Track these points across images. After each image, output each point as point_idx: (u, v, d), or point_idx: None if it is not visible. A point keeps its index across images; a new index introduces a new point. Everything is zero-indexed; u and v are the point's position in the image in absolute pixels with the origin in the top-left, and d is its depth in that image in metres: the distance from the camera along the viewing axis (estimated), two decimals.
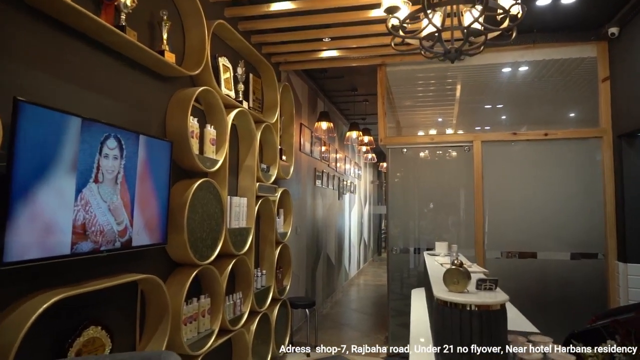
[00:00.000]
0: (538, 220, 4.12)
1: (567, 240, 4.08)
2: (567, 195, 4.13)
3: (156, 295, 2.28)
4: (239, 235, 3.19)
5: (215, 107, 2.91)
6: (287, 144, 4.42)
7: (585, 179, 4.10)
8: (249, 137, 3.48)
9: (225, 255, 3.09)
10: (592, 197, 4.05)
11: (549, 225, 4.11)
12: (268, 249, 3.90)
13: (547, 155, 4.19)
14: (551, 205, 4.13)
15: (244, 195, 3.44)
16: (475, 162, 4.23)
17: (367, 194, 11.94)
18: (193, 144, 2.60)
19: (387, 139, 4.49)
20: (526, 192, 4.21)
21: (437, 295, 1.84)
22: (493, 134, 4.26)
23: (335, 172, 7.45)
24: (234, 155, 3.45)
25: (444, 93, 5.19)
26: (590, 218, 4.04)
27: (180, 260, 2.59)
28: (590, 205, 4.06)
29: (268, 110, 3.98)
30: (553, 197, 4.14)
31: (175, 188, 2.56)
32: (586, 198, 4.08)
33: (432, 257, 3.37)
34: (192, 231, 2.53)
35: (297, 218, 5.12)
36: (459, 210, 4.33)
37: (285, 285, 4.24)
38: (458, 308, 1.74)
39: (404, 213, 4.54)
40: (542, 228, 4.11)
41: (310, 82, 5.64)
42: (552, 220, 4.11)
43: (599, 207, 3.99)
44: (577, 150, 4.16)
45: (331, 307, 6.69)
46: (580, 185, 4.11)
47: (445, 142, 4.39)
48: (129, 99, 2.26)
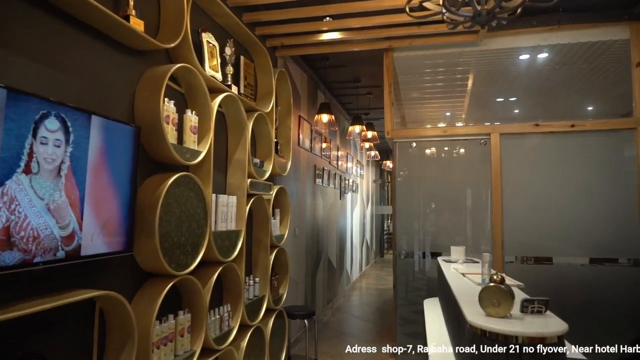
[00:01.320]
0: (560, 222, 3.70)
1: (592, 244, 3.65)
2: (595, 194, 3.70)
3: (118, 315, 1.85)
4: (226, 239, 2.76)
5: (198, 89, 2.49)
6: (284, 137, 3.99)
7: (616, 176, 3.67)
8: (239, 126, 3.05)
9: (210, 263, 2.67)
10: (623, 195, 3.62)
11: (574, 227, 3.69)
12: (262, 253, 3.47)
13: (572, 149, 3.76)
14: (577, 205, 3.70)
15: (233, 193, 3.02)
16: (493, 157, 3.80)
17: (369, 193, 11.51)
18: (168, 131, 2.17)
19: (395, 131, 4.06)
20: (547, 190, 3.78)
21: (471, 321, 1.41)
22: (513, 125, 3.82)
23: (337, 170, 7.02)
24: (222, 148, 3.03)
25: (454, 83, 4.77)
26: (619, 219, 3.62)
27: (152, 270, 2.16)
28: (621, 205, 3.63)
29: (262, 99, 3.56)
30: (579, 195, 3.72)
31: (147, 184, 2.14)
32: (616, 197, 3.65)
33: (448, 264, 2.95)
34: (166, 235, 2.11)
35: (295, 219, 4.69)
36: (473, 210, 3.91)
37: (281, 294, 3.82)
38: (501, 339, 1.32)
39: (412, 213, 4.11)
40: (564, 230, 3.69)
41: (310, 72, 5.21)
42: (576, 221, 3.69)
43: (631, 207, 3.56)
44: (607, 144, 3.73)
45: (332, 314, 6.26)
46: (609, 183, 3.68)
47: (459, 135, 3.97)
48: (85, 73, 1.83)
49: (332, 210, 6.78)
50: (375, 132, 6.26)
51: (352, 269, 8.62)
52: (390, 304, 6.87)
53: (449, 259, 3.12)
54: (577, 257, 3.71)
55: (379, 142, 6.39)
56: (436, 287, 3.79)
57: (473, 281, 2.09)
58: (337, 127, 4.91)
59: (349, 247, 8.21)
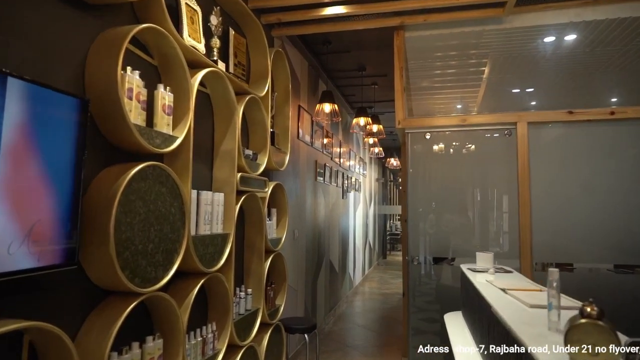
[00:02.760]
0: (584, 223, 3.23)
1: (619, 248, 3.19)
2: (630, 191, 3.23)
3: (54, 351, 1.38)
4: (210, 245, 2.29)
5: (173, 61, 2.02)
6: (282, 127, 3.52)
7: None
8: (228, 111, 2.58)
9: (190, 274, 2.20)
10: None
11: (599, 229, 3.22)
12: (255, 260, 3.00)
13: (611, 140, 3.29)
14: (607, 204, 3.23)
15: (220, 189, 2.54)
16: (520, 149, 3.33)
17: (372, 192, 11.03)
18: (132, 108, 1.70)
19: (407, 121, 3.58)
20: (577, 188, 3.31)
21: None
22: (542, 113, 3.35)
23: (339, 167, 6.55)
24: (207, 136, 2.55)
25: (468, 70, 4.30)
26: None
27: (109, 287, 1.69)
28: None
29: (256, 81, 3.09)
30: (612, 193, 3.25)
31: (101, 177, 1.67)
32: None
33: (475, 273, 2.47)
34: (126, 242, 1.63)
35: (294, 220, 4.22)
36: (497, 210, 3.43)
37: (278, 305, 3.34)
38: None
39: (426, 214, 3.64)
40: (588, 232, 3.22)
41: (311, 58, 4.74)
42: (603, 223, 3.22)
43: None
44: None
45: (334, 323, 5.79)
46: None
47: (479, 124, 3.49)
48: (21, 29, 1.36)
49: (335, 211, 6.31)
50: (381, 125, 5.79)
51: (355, 272, 8.15)
52: (396, 310, 6.40)
53: (474, 268, 2.65)
54: (601, 263, 3.25)
55: (384, 137, 5.92)
56: (454, 297, 3.32)
57: (522, 301, 1.63)
58: (340, 118, 4.43)
59: (351, 249, 7.74)
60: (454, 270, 3.44)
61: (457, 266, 3.43)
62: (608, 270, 3.26)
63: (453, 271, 3.47)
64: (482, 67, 4.32)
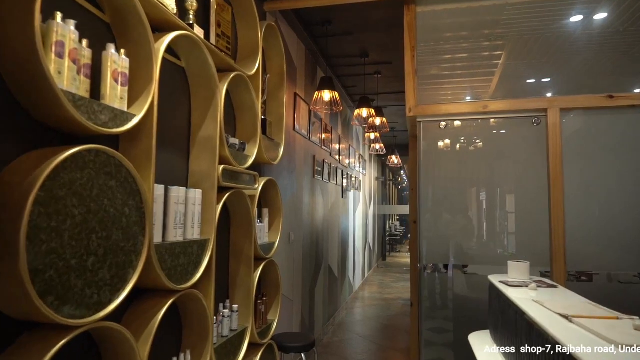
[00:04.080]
0: (620, 227, 2.77)
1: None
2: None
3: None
4: (183, 255, 1.82)
5: (130, 16, 1.54)
6: (276, 115, 3.05)
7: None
8: (207, 88, 2.10)
9: (156, 293, 1.73)
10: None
11: (633, 234, 2.77)
12: (243, 270, 2.53)
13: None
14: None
15: (197, 185, 2.07)
16: (551, 140, 2.86)
17: (372, 191, 10.57)
18: (61, 70, 1.23)
19: (419, 108, 3.12)
20: (614, 185, 2.85)
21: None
22: (578, 97, 2.88)
23: (339, 164, 6.08)
24: (181, 118, 2.08)
25: (481, 55, 3.84)
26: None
27: (25, 317, 1.21)
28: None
29: (245, 58, 2.62)
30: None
31: (15, 166, 1.20)
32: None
33: (511, 288, 2.01)
34: (49, 255, 1.16)
35: (289, 221, 3.75)
36: (523, 212, 2.97)
37: (270, 321, 2.87)
38: None
39: (440, 215, 3.17)
40: (623, 238, 2.77)
41: (309, 41, 4.27)
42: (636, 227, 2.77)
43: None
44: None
45: (333, 333, 5.32)
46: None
47: (503, 112, 3.02)
48: None
49: (334, 211, 5.84)
50: (385, 118, 5.32)
51: (355, 276, 7.68)
52: (400, 318, 5.94)
53: (506, 280, 2.19)
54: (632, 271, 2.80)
55: (388, 131, 5.45)
56: (474, 309, 2.87)
57: (605, 338, 1.16)
58: (341, 108, 3.97)
59: (351, 252, 7.27)
60: (470, 279, 2.98)
61: (473, 274, 2.97)
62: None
63: (469, 280, 3.01)
64: (497, 51, 3.87)
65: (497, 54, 3.87)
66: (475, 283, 2.96)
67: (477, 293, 2.94)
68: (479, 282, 2.91)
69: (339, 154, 6.03)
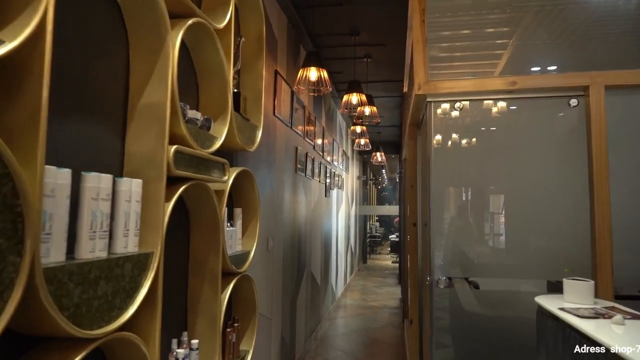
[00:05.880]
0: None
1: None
2: None
3: None
4: (103, 280, 1.16)
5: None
6: (253, 89, 2.41)
7: None
8: (153, 35, 1.45)
9: (63, 343, 1.07)
10: None
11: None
12: (207, 291, 1.88)
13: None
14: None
15: (136, 173, 1.42)
16: (594, 125, 2.32)
17: (354, 191, 10.00)
18: None
19: (430, 84, 2.52)
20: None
21: None
22: (624, 72, 2.34)
23: (322, 159, 5.47)
24: (113, 76, 1.41)
25: (492, 34, 3.30)
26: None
27: None
28: None
29: (212, 9, 1.97)
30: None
31: None
32: None
33: (582, 320, 1.44)
34: None
35: (268, 223, 3.12)
36: (558, 214, 2.42)
37: (244, 353, 2.23)
38: None
39: (456, 220, 2.59)
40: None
41: (292, 10, 3.64)
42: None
43: None
44: None
45: (316, 350, 4.70)
46: None
47: (534, 89, 2.46)
48: None
49: (317, 211, 5.22)
50: (375, 107, 4.74)
51: (337, 282, 7.09)
52: (387, 330, 5.37)
53: (570, 309, 1.61)
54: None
55: (379, 122, 4.87)
56: (509, 340, 2.31)
57: None
58: (330, 89, 3.36)
59: (334, 256, 6.67)
60: (502, 298, 2.41)
61: (505, 292, 2.40)
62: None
63: (500, 299, 2.44)
64: (505, 27, 3.33)
65: (505, 31, 3.33)
66: (509, 303, 2.40)
67: (511, 317, 2.37)
68: (514, 302, 2.35)
69: (322, 149, 5.42)
